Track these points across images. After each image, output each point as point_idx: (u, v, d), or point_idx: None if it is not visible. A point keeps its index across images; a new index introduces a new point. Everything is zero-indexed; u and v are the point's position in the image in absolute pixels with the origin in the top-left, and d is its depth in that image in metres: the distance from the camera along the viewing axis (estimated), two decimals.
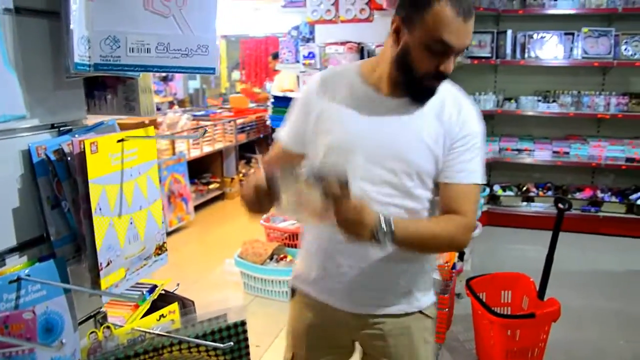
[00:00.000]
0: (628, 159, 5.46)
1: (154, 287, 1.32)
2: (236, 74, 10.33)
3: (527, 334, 2.84)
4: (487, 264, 4.61)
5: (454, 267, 3.36)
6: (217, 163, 6.80)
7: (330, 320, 1.63)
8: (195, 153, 6.07)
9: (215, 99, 9.60)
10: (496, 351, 2.88)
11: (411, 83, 1.41)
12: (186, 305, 1.33)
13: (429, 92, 1.42)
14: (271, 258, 4.09)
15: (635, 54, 5.34)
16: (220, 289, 4.17)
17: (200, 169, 6.59)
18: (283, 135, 1.60)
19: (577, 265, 4.73)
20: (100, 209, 0.95)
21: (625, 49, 5.36)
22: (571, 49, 5.55)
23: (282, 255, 4.10)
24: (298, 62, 3.78)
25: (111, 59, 0.92)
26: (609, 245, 5.25)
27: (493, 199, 5.84)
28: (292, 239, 4.19)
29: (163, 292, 1.38)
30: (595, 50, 5.43)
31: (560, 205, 3.06)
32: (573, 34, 5.53)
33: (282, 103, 3.56)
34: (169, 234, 5.43)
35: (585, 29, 5.45)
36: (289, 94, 3.76)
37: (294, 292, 1.72)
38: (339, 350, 1.72)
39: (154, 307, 1.29)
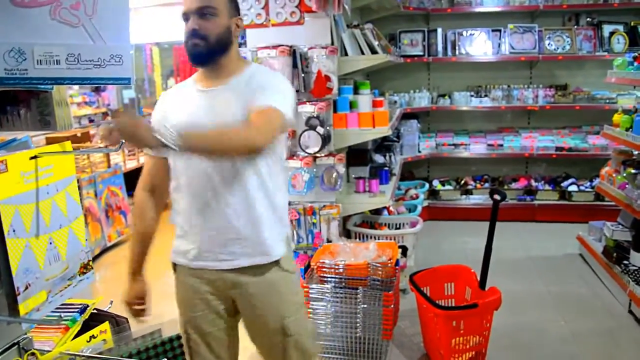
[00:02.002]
0: (558, 148, 5.70)
1: (85, 307, 1.26)
2: (172, 82, 10.14)
3: (471, 323, 2.91)
4: (430, 258, 4.70)
5: (397, 263, 3.41)
6: None
7: (206, 281, 1.89)
8: (131, 164, 5.91)
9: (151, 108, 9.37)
10: (443, 343, 2.93)
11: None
12: (119, 323, 1.28)
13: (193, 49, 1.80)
14: None
15: (557, 49, 5.58)
16: (165, 301, 4.05)
17: (137, 181, 6.40)
18: None
19: (516, 252, 4.91)
20: (13, 231, 0.89)
21: (549, 44, 5.60)
22: (499, 45, 5.75)
23: None
24: None
25: (17, 72, 0.86)
26: (545, 231, 5.48)
27: (433, 193, 5.97)
28: None
29: (95, 311, 1.32)
30: (522, 46, 5.65)
31: (496, 197, 3.15)
32: (500, 31, 5.73)
33: None
34: (108, 248, 5.26)
35: (511, 26, 5.66)
36: None
37: (175, 266, 1.97)
38: (220, 311, 1.93)
39: (87, 328, 1.24)
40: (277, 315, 1.89)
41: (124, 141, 1.25)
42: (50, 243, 0.97)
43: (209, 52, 1.77)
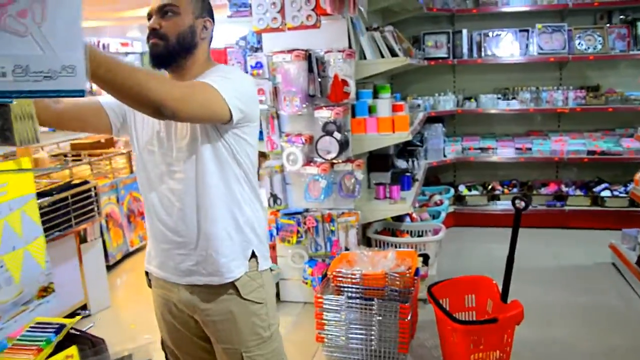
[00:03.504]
0: (589, 152, 5.48)
1: (61, 327, 1.20)
2: None
3: (491, 338, 2.77)
4: (455, 266, 4.57)
5: (417, 273, 3.30)
6: None
7: (169, 303, 1.82)
8: None
9: None
10: (461, 357, 2.81)
11: None
12: (96, 344, 1.22)
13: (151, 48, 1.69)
14: None
15: (588, 48, 5.37)
16: (141, 323, 3.81)
17: None
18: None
19: (544, 260, 4.72)
20: None
21: (579, 44, 5.39)
22: (527, 46, 5.57)
23: None
24: (247, 72, 3.69)
25: None
26: (576, 238, 5.26)
27: (459, 199, 5.81)
28: None
29: (75, 331, 1.26)
30: (550, 46, 5.46)
31: (519, 204, 3.00)
32: (528, 31, 5.54)
33: None
34: (131, 254, 5.27)
35: (539, 25, 5.47)
36: None
37: (147, 275, 1.90)
38: (192, 335, 1.86)
39: (62, 348, 1.18)
40: (235, 349, 1.78)
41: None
42: (1, 266, 0.91)
43: (168, 52, 1.66)
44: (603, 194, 5.47)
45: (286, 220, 3.77)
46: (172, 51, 1.66)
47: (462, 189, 5.90)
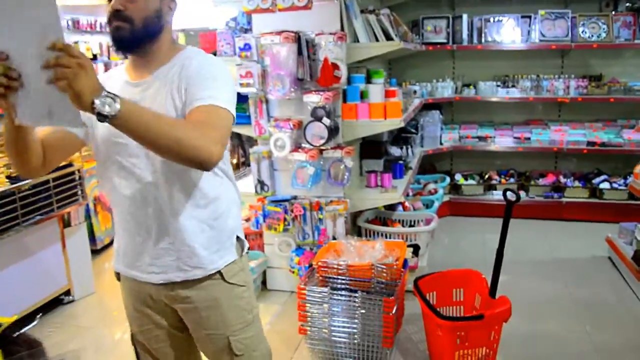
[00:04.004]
0: (589, 143, 5.34)
1: None
2: None
3: (477, 335, 2.68)
4: (447, 256, 4.49)
5: (405, 264, 3.20)
6: None
7: (143, 294, 1.75)
8: None
9: None
10: (446, 354, 2.73)
11: None
12: (33, 346, 1.13)
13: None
14: None
15: (592, 36, 5.22)
16: (72, 327, 3.76)
17: None
18: None
19: (540, 252, 4.64)
20: None
21: (583, 31, 5.24)
22: (528, 32, 5.41)
23: None
24: (235, 54, 3.57)
25: None
26: (573, 231, 5.17)
27: (455, 188, 5.71)
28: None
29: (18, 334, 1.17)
30: (553, 33, 5.30)
31: (510, 197, 2.90)
32: (530, 17, 5.39)
33: None
34: None
35: (541, 12, 5.31)
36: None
37: (118, 275, 1.83)
38: (165, 327, 1.80)
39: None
40: (221, 334, 1.74)
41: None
42: None
43: (134, 37, 1.54)
44: (602, 186, 5.35)
45: (273, 207, 3.68)
46: (138, 36, 1.54)
47: (459, 177, 5.78)
